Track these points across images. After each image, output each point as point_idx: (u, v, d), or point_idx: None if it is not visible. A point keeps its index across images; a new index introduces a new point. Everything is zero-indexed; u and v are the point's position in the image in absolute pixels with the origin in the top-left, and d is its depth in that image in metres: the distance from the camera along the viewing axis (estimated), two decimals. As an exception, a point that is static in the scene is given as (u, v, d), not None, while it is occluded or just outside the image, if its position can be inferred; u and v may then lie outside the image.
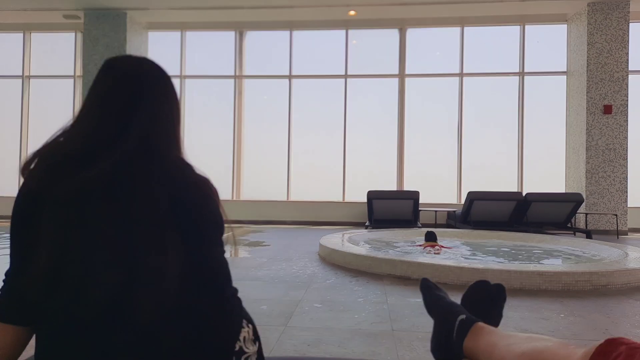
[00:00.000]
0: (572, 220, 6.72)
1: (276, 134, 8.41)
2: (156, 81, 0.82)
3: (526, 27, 7.88)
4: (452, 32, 8.12)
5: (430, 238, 4.54)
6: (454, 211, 7.21)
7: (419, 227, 6.34)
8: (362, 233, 5.24)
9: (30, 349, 0.74)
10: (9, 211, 0.74)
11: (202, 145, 8.56)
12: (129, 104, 0.77)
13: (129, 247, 0.68)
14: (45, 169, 0.72)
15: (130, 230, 0.69)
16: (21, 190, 0.73)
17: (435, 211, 7.20)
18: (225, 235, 0.81)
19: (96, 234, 0.69)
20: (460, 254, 4.27)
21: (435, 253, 4.19)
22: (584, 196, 6.89)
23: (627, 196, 6.92)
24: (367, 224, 6.95)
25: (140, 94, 0.79)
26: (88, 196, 0.69)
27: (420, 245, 4.53)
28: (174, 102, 0.84)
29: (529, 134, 7.94)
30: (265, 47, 8.60)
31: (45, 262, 0.68)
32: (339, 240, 4.35)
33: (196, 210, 0.75)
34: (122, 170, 0.71)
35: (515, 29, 7.98)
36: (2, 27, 8.48)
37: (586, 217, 6.76)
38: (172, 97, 0.84)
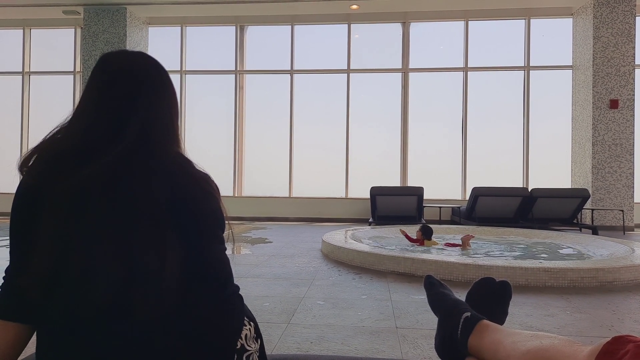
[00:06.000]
0: (578, 216, 6.67)
1: (278, 129, 8.38)
2: (153, 76, 0.81)
3: (531, 20, 7.80)
4: (456, 26, 8.05)
5: (427, 234, 4.38)
6: (459, 207, 7.17)
7: (423, 224, 6.30)
8: (366, 229, 5.22)
9: (32, 346, 0.73)
10: (9, 208, 0.73)
11: (203, 141, 8.56)
12: (126, 100, 0.76)
13: (129, 245, 0.68)
14: (44, 165, 0.72)
15: (129, 227, 0.68)
16: (20, 187, 0.72)
17: (440, 207, 7.17)
18: (226, 233, 0.80)
19: (96, 231, 0.68)
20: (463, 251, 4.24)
21: (464, 248, 4.09)
22: (590, 192, 6.84)
23: (633, 192, 6.86)
24: (370, 220, 6.94)
25: (137, 90, 0.77)
26: (87, 193, 0.69)
27: (415, 241, 4.34)
28: (171, 97, 0.83)
29: (534, 129, 7.87)
30: (266, 41, 8.56)
31: (45, 259, 0.67)
32: (342, 237, 4.33)
33: (196, 207, 0.74)
34: (121, 167, 0.70)
35: (520, 23, 7.89)
36: (2, 23, 8.50)
37: (592, 213, 6.71)
38: (169, 92, 0.83)
